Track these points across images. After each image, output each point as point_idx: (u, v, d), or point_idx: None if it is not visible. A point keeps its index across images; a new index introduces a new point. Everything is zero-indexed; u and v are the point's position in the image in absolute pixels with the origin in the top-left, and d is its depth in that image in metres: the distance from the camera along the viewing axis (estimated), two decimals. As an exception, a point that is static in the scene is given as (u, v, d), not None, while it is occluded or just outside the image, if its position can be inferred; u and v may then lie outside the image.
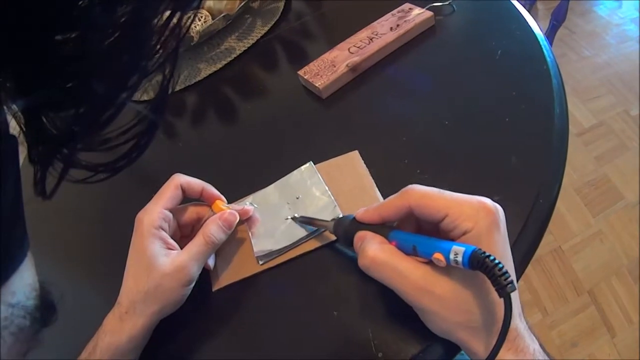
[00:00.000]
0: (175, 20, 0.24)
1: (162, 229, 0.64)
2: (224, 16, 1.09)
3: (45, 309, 0.29)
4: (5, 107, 0.23)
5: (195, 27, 1.07)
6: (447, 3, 1.00)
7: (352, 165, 0.76)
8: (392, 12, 1.00)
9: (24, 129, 0.25)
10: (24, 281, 0.27)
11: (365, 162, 0.76)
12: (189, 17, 0.26)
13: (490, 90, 0.81)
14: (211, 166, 0.90)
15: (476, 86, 0.83)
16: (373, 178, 0.73)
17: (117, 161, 0.30)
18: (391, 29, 0.95)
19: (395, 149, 0.77)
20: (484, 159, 0.71)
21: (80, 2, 0.21)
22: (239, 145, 0.93)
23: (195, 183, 0.70)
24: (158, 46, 0.25)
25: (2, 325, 0.24)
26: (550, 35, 1.40)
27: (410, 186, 0.53)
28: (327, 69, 0.91)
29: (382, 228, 0.54)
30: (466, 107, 0.80)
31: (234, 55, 1.12)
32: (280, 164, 0.81)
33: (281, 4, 1.23)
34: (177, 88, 1.11)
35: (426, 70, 0.91)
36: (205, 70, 1.12)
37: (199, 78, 1.11)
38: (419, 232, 0.55)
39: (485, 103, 0.79)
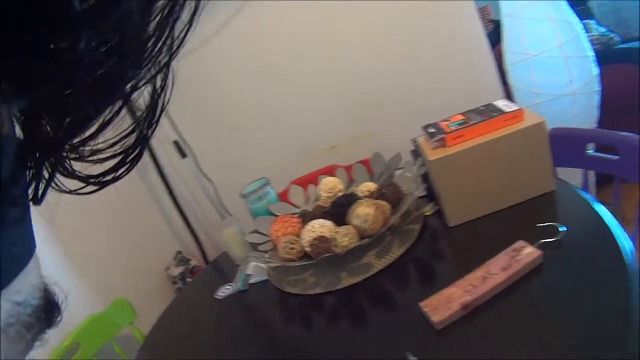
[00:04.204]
0: (167, 32, 0.25)
1: None
2: (368, 239, 1.32)
3: (49, 310, 0.29)
4: (9, 112, 0.23)
5: (342, 242, 1.31)
6: (556, 239, 1.15)
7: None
8: (506, 250, 1.16)
9: (22, 133, 0.25)
10: (30, 281, 0.27)
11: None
12: (183, 30, 0.26)
13: (578, 336, 0.93)
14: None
15: (566, 330, 0.95)
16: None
17: (105, 174, 0.30)
18: (503, 268, 1.10)
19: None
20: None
21: (74, 10, 0.21)
22: (361, 352, 1.11)
23: None
24: (150, 58, 0.25)
25: (8, 322, 0.25)
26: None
27: None
28: (444, 304, 1.07)
29: None
30: (556, 351, 0.91)
31: (371, 272, 1.33)
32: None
33: (418, 227, 1.44)
34: (320, 291, 1.35)
35: (528, 310, 1.04)
36: (346, 280, 1.34)
37: (339, 286, 1.33)
38: None
39: (573, 347, 0.91)
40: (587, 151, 1.73)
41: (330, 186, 1.59)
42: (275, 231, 1.48)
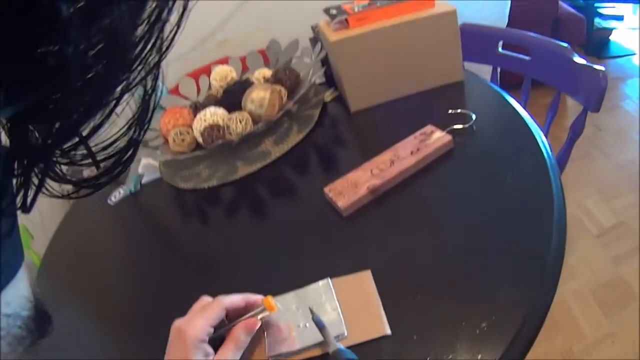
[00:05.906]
0: (156, 34, 0.25)
1: (205, 342, 0.73)
2: (263, 123, 1.22)
3: (40, 320, 0.29)
4: None
5: (237, 128, 1.20)
6: (467, 125, 1.11)
7: (363, 283, 0.84)
8: (415, 134, 1.11)
9: (9, 140, 0.25)
10: (19, 292, 0.27)
11: (375, 281, 0.83)
12: (171, 31, 0.25)
13: (494, 219, 0.89)
14: (237, 259, 1.02)
15: (481, 214, 0.91)
16: (380, 297, 0.81)
17: (99, 177, 0.30)
18: (412, 152, 1.05)
19: (403, 271, 0.85)
20: (480, 284, 0.78)
21: (62, 14, 0.20)
22: (264, 244, 1.03)
23: (237, 302, 0.79)
24: (140, 59, 0.25)
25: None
26: (569, 147, 1.49)
27: None
28: (350, 189, 1.01)
29: None
30: (469, 234, 0.88)
31: (269, 160, 1.24)
32: (297, 270, 0.91)
33: (316, 112, 1.36)
34: (216, 183, 1.25)
35: (439, 195, 1.00)
36: (242, 169, 1.24)
37: (235, 177, 1.23)
38: None
39: (487, 231, 0.87)
40: (498, 49, 1.68)
41: (222, 75, 1.47)
42: (165, 124, 1.35)
